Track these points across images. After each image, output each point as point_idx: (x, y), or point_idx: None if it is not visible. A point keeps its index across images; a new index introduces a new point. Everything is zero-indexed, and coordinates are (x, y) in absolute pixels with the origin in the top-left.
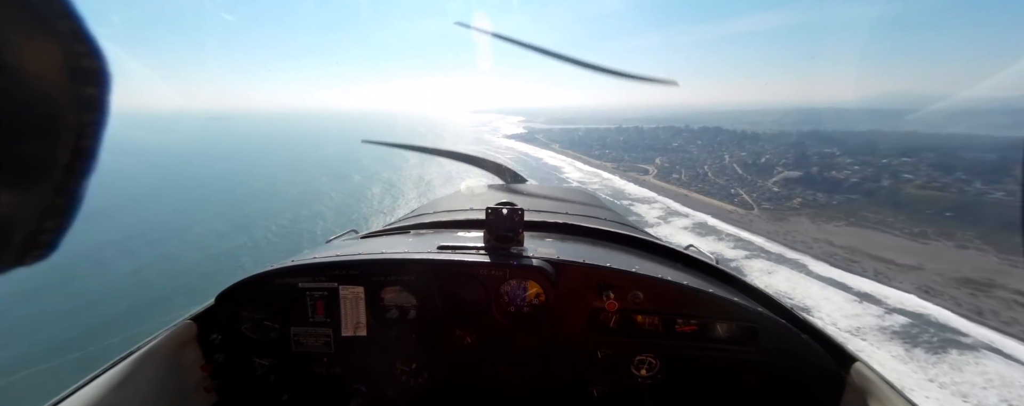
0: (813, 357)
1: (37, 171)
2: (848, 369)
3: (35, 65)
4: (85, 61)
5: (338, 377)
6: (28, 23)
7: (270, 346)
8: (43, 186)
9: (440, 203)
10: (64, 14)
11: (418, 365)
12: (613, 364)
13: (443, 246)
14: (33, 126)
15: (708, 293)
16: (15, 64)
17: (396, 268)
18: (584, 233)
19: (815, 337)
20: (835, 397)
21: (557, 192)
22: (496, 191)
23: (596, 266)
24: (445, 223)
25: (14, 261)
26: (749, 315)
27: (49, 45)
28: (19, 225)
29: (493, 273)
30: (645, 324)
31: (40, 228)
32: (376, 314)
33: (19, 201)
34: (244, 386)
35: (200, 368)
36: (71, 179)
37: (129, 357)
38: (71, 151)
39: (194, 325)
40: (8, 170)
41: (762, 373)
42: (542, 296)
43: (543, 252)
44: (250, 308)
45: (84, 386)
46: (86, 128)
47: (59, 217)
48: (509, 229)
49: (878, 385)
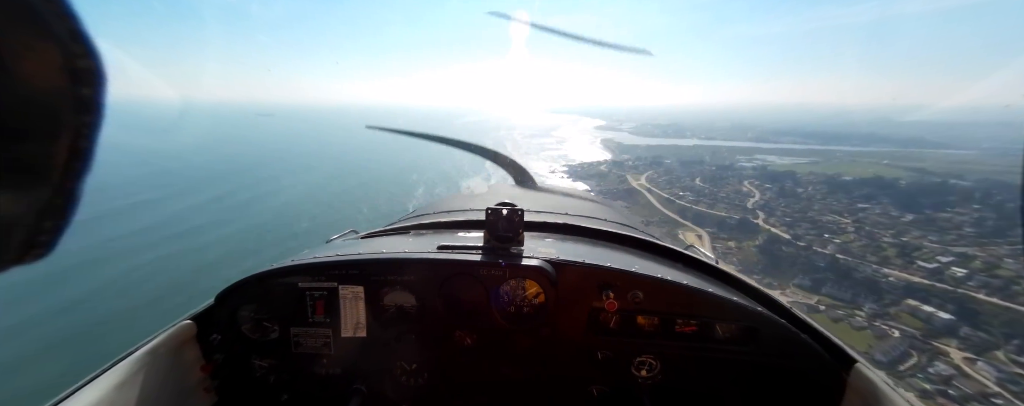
0: (813, 358)
1: (35, 171)
2: (849, 370)
3: (33, 65)
4: (82, 61)
5: (338, 377)
6: (26, 23)
7: (270, 346)
8: (41, 186)
9: (440, 203)
10: (62, 14)
11: (418, 365)
12: (613, 364)
13: (443, 246)
14: (31, 126)
15: (708, 293)
16: (13, 64)
17: (396, 268)
18: (584, 233)
19: (815, 338)
20: (835, 398)
21: (557, 193)
22: (496, 191)
23: (596, 266)
24: (445, 223)
25: (13, 260)
26: (749, 315)
27: (47, 45)
28: (18, 225)
29: (493, 273)
30: (645, 324)
31: (38, 228)
32: (376, 314)
33: (17, 201)
34: (244, 386)
35: (200, 368)
36: (69, 179)
37: (129, 357)
38: (68, 151)
39: (194, 325)
40: (6, 170)
41: (762, 374)
42: (542, 296)
43: (543, 252)
44: (250, 308)
45: (84, 386)
46: (83, 128)
47: (57, 217)
48: (509, 229)
49: (879, 387)
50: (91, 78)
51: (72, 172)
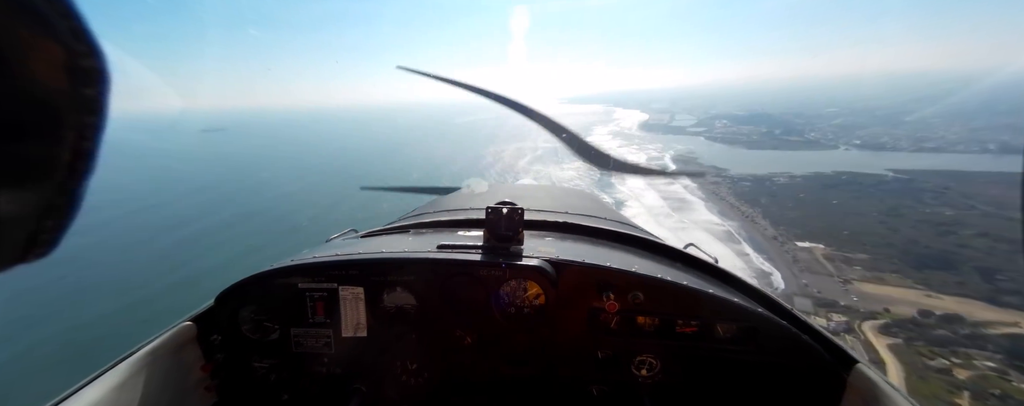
0: (813, 358)
1: (38, 171)
2: (849, 370)
3: (36, 65)
4: (85, 61)
5: (338, 377)
6: (29, 22)
7: (270, 346)
8: (44, 186)
9: (440, 203)
10: (65, 13)
11: (418, 365)
12: (613, 364)
13: (443, 245)
14: (34, 126)
15: (708, 293)
16: (16, 64)
17: (396, 268)
18: (584, 233)
19: (816, 338)
20: (835, 399)
21: (557, 192)
22: (496, 190)
23: (596, 266)
24: (445, 222)
25: (15, 259)
26: (749, 315)
27: (50, 45)
28: (20, 224)
29: (493, 273)
30: (645, 324)
31: (40, 227)
32: (376, 314)
33: (20, 200)
34: (244, 386)
35: (200, 368)
36: (71, 179)
37: (129, 357)
38: (71, 151)
39: (194, 326)
40: (9, 170)
41: (762, 374)
42: (542, 296)
43: (543, 252)
44: (250, 309)
45: (84, 386)
46: (86, 128)
47: (59, 217)
48: (509, 229)
49: (880, 387)
50: (94, 78)
51: (75, 172)
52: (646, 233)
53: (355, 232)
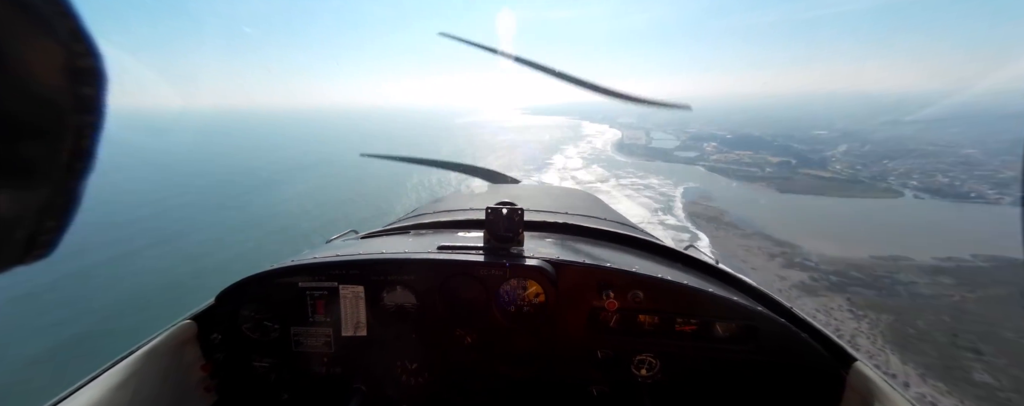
0: (813, 357)
1: (37, 171)
2: (848, 369)
3: (34, 65)
4: (83, 61)
5: (338, 377)
6: (27, 22)
7: (270, 346)
8: (43, 186)
9: (440, 203)
10: (63, 13)
11: (418, 365)
12: (613, 364)
13: (443, 246)
14: (33, 126)
15: (708, 292)
16: (14, 64)
17: (396, 268)
18: (584, 233)
19: (815, 336)
20: (835, 397)
21: (557, 192)
22: (496, 191)
23: (596, 266)
24: (445, 223)
25: (14, 260)
26: (749, 314)
27: (48, 45)
28: (19, 225)
29: (493, 273)
30: (645, 324)
31: (40, 228)
32: (376, 314)
33: (19, 201)
34: (244, 385)
35: (200, 368)
36: (70, 179)
37: (129, 357)
38: (70, 151)
39: (194, 324)
40: (8, 170)
41: (762, 372)
42: (542, 296)
43: (543, 252)
44: (250, 308)
45: (84, 386)
46: (85, 128)
47: (58, 217)
48: (509, 229)
49: (878, 385)
50: (92, 78)
51: (74, 172)
52: (646, 234)
53: (355, 233)
